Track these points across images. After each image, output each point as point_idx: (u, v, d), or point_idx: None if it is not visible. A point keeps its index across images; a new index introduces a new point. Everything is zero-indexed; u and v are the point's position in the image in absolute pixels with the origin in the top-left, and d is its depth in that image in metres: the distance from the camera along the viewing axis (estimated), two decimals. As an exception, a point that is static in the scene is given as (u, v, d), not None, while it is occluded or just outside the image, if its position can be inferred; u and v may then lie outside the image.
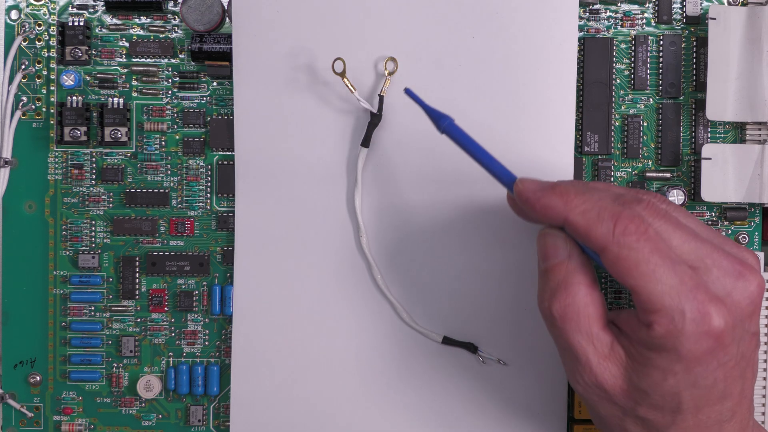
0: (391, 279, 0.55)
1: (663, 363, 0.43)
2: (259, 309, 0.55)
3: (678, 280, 0.42)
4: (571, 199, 0.44)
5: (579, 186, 0.45)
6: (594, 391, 0.45)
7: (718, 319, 0.42)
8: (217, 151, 0.56)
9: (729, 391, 0.44)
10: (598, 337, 0.44)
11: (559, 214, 0.44)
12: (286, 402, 0.55)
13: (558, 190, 0.45)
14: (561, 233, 0.46)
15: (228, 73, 0.55)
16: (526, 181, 0.46)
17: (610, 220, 0.43)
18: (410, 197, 0.54)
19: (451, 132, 0.48)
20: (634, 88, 0.56)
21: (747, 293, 0.44)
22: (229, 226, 0.56)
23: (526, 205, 0.46)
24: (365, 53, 0.54)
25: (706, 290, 0.42)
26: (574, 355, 0.45)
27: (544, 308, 0.45)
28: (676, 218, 0.44)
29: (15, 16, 0.56)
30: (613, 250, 0.43)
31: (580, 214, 0.44)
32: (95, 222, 0.56)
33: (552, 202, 0.44)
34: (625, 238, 0.42)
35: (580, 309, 0.44)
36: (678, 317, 0.42)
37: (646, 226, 0.43)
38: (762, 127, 0.55)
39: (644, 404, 0.44)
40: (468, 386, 0.55)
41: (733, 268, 0.44)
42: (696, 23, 0.55)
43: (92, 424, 0.56)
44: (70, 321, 0.56)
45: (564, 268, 0.45)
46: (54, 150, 0.56)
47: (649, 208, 0.44)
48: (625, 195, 0.45)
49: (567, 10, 0.54)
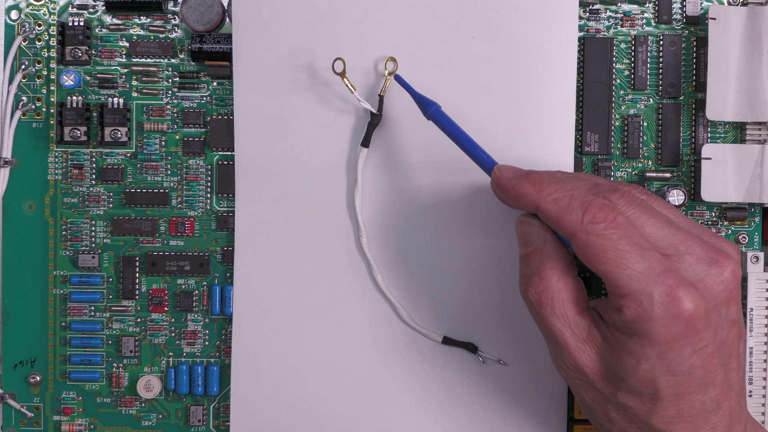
0: (391, 279, 0.55)
1: (636, 347, 0.43)
2: (259, 309, 0.55)
3: (646, 266, 0.43)
4: (544, 188, 0.45)
5: (554, 175, 0.46)
6: (575, 374, 0.46)
7: (688, 303, 0.42)
8: (217, 151, 0.56)
9: (709, 380, 0.44)
10: (575, 321, 0.45)
11: (532, 201, 0.46)
12: (286, 402, 0.55)
13: (532, 178, 0.46)
14: (535, 221, 0.47)
15: (228, 73, 0.55)
16: (503, 168, 0.48)
17: (579, 209, 0.44)
18: (410, 197, 0.54)
19: (437, 118, 0.50)
20: (634, 88, 0.56)
21: (720, 279, 0.44)
22: (229, 226, 0.56)
23: (501, 191, 0.47)
24: (365, 53, 0.54)
25: (675, 275, 0.43)
26: (553, 338, 0.46)
27: (522, 293, 0.47)
28: (651, 207, 0.45)
29: (15, 16, 0.56)
30: (581, 237, 0.44)
31: (552, 203, 0.45)
32: (95, 222, 0.56)
33: (525, 190, 0.46)
34: (593, 225, 0.43)
35: (554, 294, 0.45)
36: (646, 301, 0.42)
37: (616, 214, 0.43)
38: (762, 127, 0.55)
39: (623, 390, 0.45)
40: (468, 386, 0.55)
41: (707, 255, 0.44)
42: (696, 23, 0.55)
43: (92, 424, 0.56)
44: (70, 321, 0.56)
45: (538, 255, 0.46)
46: (54, 150, 0.56)
47: (625, 197, 0.45)
48: (603, 185, 0.46)
49: (567, 10, 0.54)
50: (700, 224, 0.47)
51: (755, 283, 0.54)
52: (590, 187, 0.46)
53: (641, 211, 0.45)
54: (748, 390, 0.54)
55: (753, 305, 0.54)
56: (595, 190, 0.45)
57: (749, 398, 0.54)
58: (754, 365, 0.54)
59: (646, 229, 0.44)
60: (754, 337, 0.54)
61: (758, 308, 0.54)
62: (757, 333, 0.54)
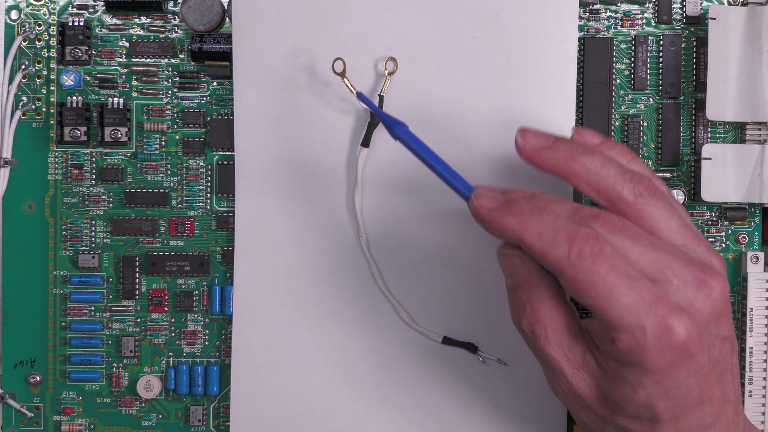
0: (391, 279, 0.55)
1: (631, 377, 0.43)
2: (259, 309, 0.55)
3: (637, 297, 0.42)
4: (526, 220, 0.43)
5: (536, 203, 0.44)
6: (573, 399, 0.46)
7: (680, 330, 0.42)
8: (217, 151, 0.56)
9: (707, 397, 0.44)
10: (570, 348, 0.45)
11: (514, 235, 0.44)
12: (286, 402, 0.55)
13: (513, 209, 0.44)
14: (517, 252, 0.45)
15: (228, 73, 0.55)
16: (481, 198, 0.45)
17: (564, 243, 0.42)
18: (410, 197, 0.54)
19: (405, 139, 0.48)
20: (634, 88, 0.56)
21: (709, 300, 0.43)
22: (229, 226, 0.56)
23: (482, 224, 0.45)
24: (365, 53, 0.54)
25: (666, 303, 0.42)
26: (549, 365, 0.45)
27: (515, 324, 0.46)
28: (634, 230, 0.44)
29: (15, 16, 0.56)
30: (569, 274, 0.42)
31: (536, 237, 0.43)
32: (95, 222, 0.56)
33: (507, 223, 0.44)
34: (580, 260, 0.42)
35: (547, 324, 0.45)
36: (639, 334, 0.42)
37: (602, 245, 0.42)
38: (762, 127, 0.55)
39: (621, 414, 0.44)
40: (468, 386, 0.55)
41: (694, 277, 0.43)
42: (696, 23, 0.55)
43: (92, 424, 0.56)
44: (70, 321, 0.56)
45: (526, 286, 0.45)
46: (54, 150, 0.56)
47: (607, 223, 0.43)
48: (584, 210, 0.44)
49: (567, 10, 0.54)
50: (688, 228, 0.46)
51: (755, 283, 0.54)
52: (572, 212, 0.44)
53: (624, 236, 0.43)
54: (748, 390, 0.54)
55: (753, 305, 0.54)
56: (576, 217, 0.44)
57: (749, 398, 0.54)
58: (754, 365, 0.54)
59: (632, 256, 0.43)
60: (754, 337, 0.54)
61: (758, 308, 0.54)
62: (757, 333, 0.54)
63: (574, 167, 0.45)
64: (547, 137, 0.46)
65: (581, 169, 0.45)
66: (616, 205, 0.45)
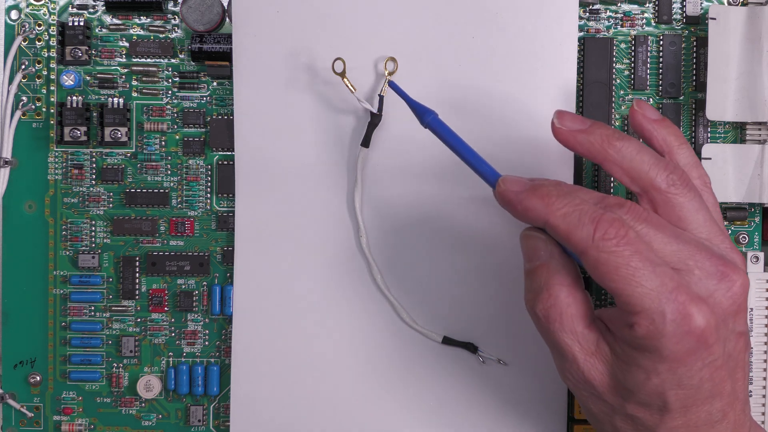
0: (391, 279, 0.55)
1: (646, 363, 0.43)
2: (259, 309, 0.55)
3: (659, 282, 0.42)
4: (552, 202, 0.44)
5: (561, 188, 0.45)
6: (583, 386, 0.46)
7: (699, 319, 0.42)
8: (217, 151, 0.56)
9: (717, 391, 0.44)
10: (583, 335, 0.45)
11: (539, 216, 0.44)
12: (286, 402, 0.55)
13: (539, 192, 0.44)
14: (541, 234, 0.46)
15: (228, 73, 0.55)
16: (509, 181, 0.46)
17: (590, 224, 0.43)
18: (410, 197, 0.54)
19: (434, 127, 0.48)
20: (634, 88, 0.56)
21: (730, 293, 0.43)
22: (229, 226, 0.56)
23: (507, 206, 0.46)
24: (365, 53, 0.54)
25: (687, 291, 0.42)
26: (561, 352, 0.45)
27: (529, 309, 0.46)
28: (658, 220, 0.44)
29: (15, 16, 0.56)
30: (592, 254, 0.43)
31: (561, 218, 0.44)
32: (95, 222, 0.56)
33: (533, 204, 0.44)
34: (605, 242, 0.42)
35: (562, 309, 0.45)
36: (658, 319, 0.42)
37: (627, 229, 0.43)
38: (762, 127, 0.55)
39: (631, 401, 0.45)
40: (468, 386, 0.55)
41: (716, 269, 0.44)
42: (696, 23, 0.55)
43: (92, 424, 0.56)
44: (70, 321, 0.56)
45: (545, 270, 0.45)
46: (54, 150, 0.56)
47: (632, 212, 0.44)
48: (609, 198, 0.45)
49: (567, 10, 0.54)
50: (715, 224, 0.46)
51: (755, 283, 0.54)
52: (597, 200, 0.45)
53: (649, 225, 0.44)
54: (749, 390, 0.54)
55: (753, 305, 0.54)
56: (602, 204, 0.44)
57: (749, 398, 0.54)
58: (754, 365, 0.54)
59: (655, 245, 0.43)
60: (754, 337, 0.54)
61: (758, 308, 0.54)
62: (757, 333, 0.54)
63: (610, 152, 0.46)
64: (583, 120, 0.47)
65: (616, 154, 0.46)
66: (648, 191, 0.45)
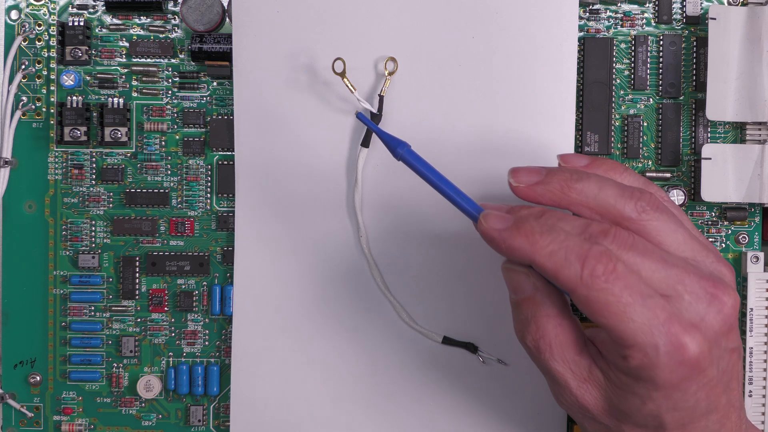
0: (391, 279, 0.55)
1: (640, 390, 0.43)
2: (259, 309, 0.55)
3: (650, 315, 0.42)
4: (536, 240, 0.43)
5: (544, 222, 0.44)
6: (578, 410, 0.46)
7: (693, 348, 0.42)
8: (217, 151, 0.56)
9: (714, 407, 0.44)
10: (575, 362, 0.45)
11: (525, 255, 0.43)
12: (286, 402, 0.55)
13: (523, 230, 0.44)
14: (522, 268, 0.45)
15: (228, 73, 0.55)
16: (491, 219, 0.45)
17: (577, 262, 0.42)
18: (410, 197, 0.54)
19: (408, 159, 0.47)
20: (634, 88, 0.56)
21: (721, 315, 0.43)
22: (229, 226, 0.56)
23: (492, 245, 0.45)
24: (365, 53, 0.54)
25: (679, 320, 0.42)
26: (554, 379, 0.45)
27: (520, 340, 0.46)
28: (644, 245, 0.44)
29: (15, 16, 0.56)
30: (582, 293, 0.42)
31: (547, 257, 0.43)
32: (95, 222, 0.56)
33: (517, 244, 0.44)
34: (594, 280, 0.42)
35: (551, 340, 0.44)
36: (652, 351, 0.42)
37: (614, 263, 0.42)
38: (762, 127, 0.55)
39: (628, 423, 0.45)
40: (468, 386, 0.55)
41: (705, 292, 0.43)
42: (696, 23, 0.55)
43: (92, 424, 0.56)
44: (70, 321, 0.56)
45: (530, 302, 0.45)
46: (54, 150, 0.56)
47: (617, 240, 0.43)
48: (593, 226, 0.44)
49: (567, 10, 0.54)
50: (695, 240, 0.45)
51: (755, 283, 0.54)
52: (581, 229, 0.44)
53: (635, 253, 0.43)
54: (748, 390, 0.54)
55: (753, 305, 0.54)
56: (587, 233, 0.43)
57: (749, 398, 0.54)
58: (754, 365, 0.54)
59: (643, 273, 0.43)
60: (754, 337, 0.54)
61: (758, 308, 0.54)
62: (757, 333, 0.54)
63: (572, 195, 0.45)
64: (539, 171, 0.46)
65: (578, 196, 0.45)
66: (620, 224, 0.44)
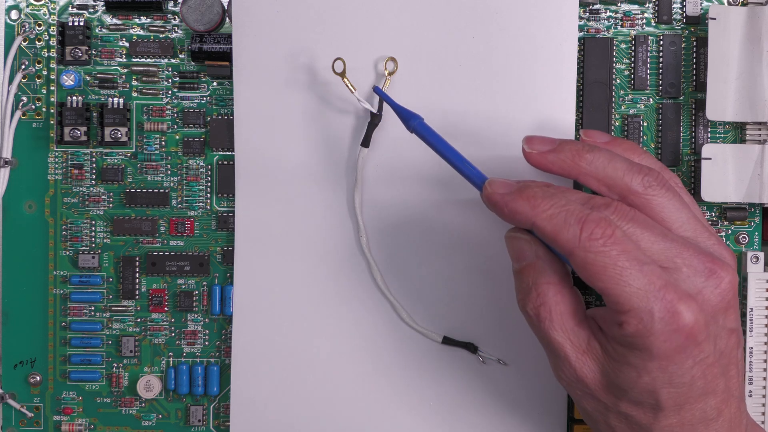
0: (391, 279, 0.55)
1: (637, 361, 0.43)
2: (259, 309, 0.55)
3: (646, 281, 0.42)
4: (538, 204, 0.44)
5: (548, 189, 0.45)
6: (576, 385, 0.46)
7: (688, 316, 0.42)
8: (217, 151, 0.56)
9: (710, 389, 0.44)
10: (575, 332, 0.45)
11: (526, 218, 0.45)
12: (286, 402, 0.55)
13: (525, 194, 0.45)
14: (525, 235, 0.46)
15: (228, 73, 0.55)
16: (495, 184, 0.46)
17: (576, 225, 0.43)
18: (410, 197, 0.54)
19: (420, 131, 0.49)
20: (634, 88, 0.56)
21: (718, 290, 0.44)
22: (229, 226, 0.56)
23: (494, 209, 0.46)
24: (365, 53, 0.54)
25: (675, 289, 0.42)
26: (553, 349, 0.46)
27: (521, 308, 0.46)
28: (645, 220, 0.44)
29: (15, 16, 0.56)
30: (579, 255, 0.43)
31: (547, 219, 0.44)
32: (95, 222, 0.56)
33: (519, 207, 0.45)
34: (591, 242, 0.42)
35: (551, 308, 0.45)
36: (647, 317, 0.42)
37: (613, 228, 0.43)
38: (762, 127, 0.55)
39: (624, 400, 0.45)
40: (468, 386, 0.55)
41: (704, 266, 0.44)
42: (696, 23, 0.55)
43: (92, 424, 0.57)
44: (70, 321, 0.56)
45: (532, 269, 0.46)
46: (54, 150, 0.56)
47: (618, 211, 0.44)
48: (596, 199, 0.45)
49: (567, 10, 0.54)
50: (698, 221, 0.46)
51: (755, 283, 0.54)
52: (584, 200, 0.45)
53: (636, 224, 0.44)
54: (749, 390, 0.54)
55: (753, 305, 0.54)
56: (589, 204, 0.44)
57: (749, 398, 0.54)
58: (754, 365, 0.54)
59: (642, 243, 0.44)
60: (754, 337, 0.54)
61: (758, 308, 0.54)
62: (757, 333, 0.54)
63: (582, 165, 0.46)
64: (552, 141, 0.47)
65: (588, 166, 0.46)
66: (626, 197, 0.45)
